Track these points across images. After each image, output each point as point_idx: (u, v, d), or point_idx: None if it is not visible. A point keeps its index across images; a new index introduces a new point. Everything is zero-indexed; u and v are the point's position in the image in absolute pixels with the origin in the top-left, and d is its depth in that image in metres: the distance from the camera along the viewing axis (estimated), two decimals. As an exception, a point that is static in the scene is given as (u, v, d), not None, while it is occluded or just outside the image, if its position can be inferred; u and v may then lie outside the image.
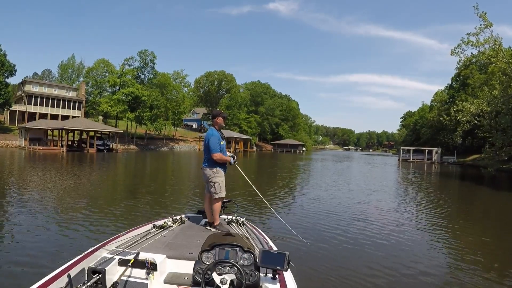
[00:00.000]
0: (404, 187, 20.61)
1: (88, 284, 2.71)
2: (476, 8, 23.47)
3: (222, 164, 4.91)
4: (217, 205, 4.70)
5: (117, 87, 64.76)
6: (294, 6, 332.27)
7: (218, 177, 4.81)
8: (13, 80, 69.84)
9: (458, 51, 24.06)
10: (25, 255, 5.78)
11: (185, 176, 22.89)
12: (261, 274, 2.89)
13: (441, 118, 34.96)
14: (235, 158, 5.10)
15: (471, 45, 23.63)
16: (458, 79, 62.45)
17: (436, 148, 60.48)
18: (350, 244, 7.49)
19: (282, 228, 7.91)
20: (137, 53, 69.23)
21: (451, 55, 24.13)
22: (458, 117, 27.22)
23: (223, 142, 4.86)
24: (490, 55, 23.58)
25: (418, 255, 6.87)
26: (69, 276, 2.69)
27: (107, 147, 47.32)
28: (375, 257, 6.59)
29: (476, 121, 25.20)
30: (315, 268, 5.80)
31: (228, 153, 5.03)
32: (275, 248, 3.62)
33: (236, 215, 4.94)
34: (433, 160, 58.85)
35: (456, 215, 12.25)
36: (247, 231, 4.27)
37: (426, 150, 61.33)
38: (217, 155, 4.76)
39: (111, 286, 2.76)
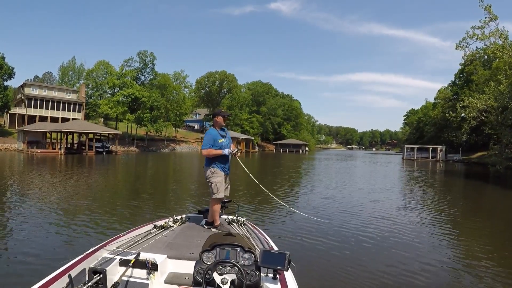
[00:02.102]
0: (412, 185, 20.04)
1: (89, 284, 2.70)
2: (481, 0, 22.80)
3: (221, 164, 4.80)
4: (216, 206, 4.60)
5: (117, 89, 64.23)
6: (296, 6, 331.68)
7: (216, 177, 4.72)
8: (13, 84, 69.94)
9: (463, 45, 23.41)
10: (26, 256, 5.80)
11: (185, 177, 22.43)
12: (262, 274, 2.86)
13: (447, 115, 34.03)
14: (235, 150, 4.88)
15: (476, 39, 22.91)
16: (461, 75, 61.61)
17: (440, 146, 59.67)
18: (354, 243, 7.31)
19: (283, 227, 8.24)
20: (137, 54, 68.65)
21: (456, 49, 23.49)
22: (463, 114, 26.48)
23: (222, 140, 4.77)
24: (496, 49, 22.84)
25: (424, 255, 6.68)
26: (69, 276, 2.65)
27: (106, 149, 46.88)
28: (379, 257, 6.49)
29: (483, 117, 24.33)
30: (316, 268, 5.74)
31: (231, 149, 4.84)
32: (275, 248, 3.59)
33: (236, 215, 4.87)
34: (438, 158, 58.01)
35: (466, 213, 11.87)
36: (247, 231, 4.22)
37: (431, 148, 60.56)
38: (204, 151, 4.75)
39: (111, 286, 2.75)
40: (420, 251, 6.98)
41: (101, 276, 2.84)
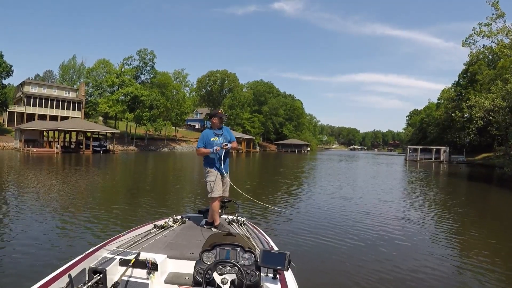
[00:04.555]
0: (418, 187, 19.39)
1: (89, 284, 2.70)
2: (488, -4, 22.05)
3: (215, 164, 4.80)
4: (214, 205, 4.60)
5: (116, 87, 63.48)
6: (300, 6, 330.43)
7: (210, 176, 4.78)
8: (14, 82, 69.54)
9: (470, 42, 22.65)
10: (26, 256, 5.77)
11: (185, 176, 21.91)
12: (262, 274, 2.86)
13: (453, 115, 33.09)
14: (223, 145, 4.73)
15: (483, 36, 22.17)
16: (465, 75, 60.69)
17: (444, 147, 58.75)
18: (355, 243, 7.26)
19: (283, 227, 8.37)
20: (136, 52, 67.73)
21: (462, 46, 22.90)
22: (466, 114, 25.60)
23: (215, 139, 4.79)
24: (503, 46, 22.05)
25: (429, 257, 6.58)
26: (70, 276, 2.65)
27: (104, 148, 46.20)
28: (380, 257, 6.41)
29: (491, 117, 23.41)
30: (317, 268, 5.74)
31: (217, 147, 4.74)
32: (276, 248, 3.57)
33: (236, 215, 4.86)
34: (441, 159, 57.11)
35: (475, 215, 11.58)
36: (247, 231, 4.20)
37: (434, 149, 59.60)
38: (196, 151, 4.93)
39: (112, 286, 2.75)
40: (425, 252, 6.84)
41: (101, 276, 2.85)
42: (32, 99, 57.45)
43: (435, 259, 6.42)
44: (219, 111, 5.01)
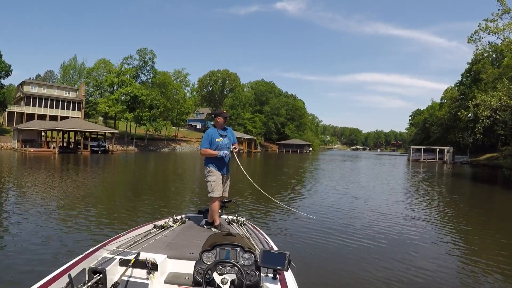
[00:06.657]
0: (423, 188, 18.80)
1: (89, 284, 2.70)
2: (494, -9, 21.38)
3: (217, 164, 4.77)
4: (214, 205, 4.58)
5: (116, 87, 62.97)
6: (302, 5, 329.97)
7: (211, 176, 4.75)
8: (15, 82, 69.26)
9: (475, 38, 21.95)
10: (26, 256, 5.73)
11: (185, 176, 21.49)
12: (262, 274, 2.86)
13: (458, 114, 32.32)
14: (234, 148, 4.82)
15: (489, 32, 21.49)
16: (469, 74, 59.93)
17: (447, 147, 57.93)
18: (354, 243, 7.20)
19: (283, 227, 8.36)
20: (136, 52, 67.16)
21: (468, 42, 22.18)
22: (470, 114, 24.91)
23: (220, 139, 4.77)
24: (509, 42, 21.36)
25: (432, 257, 6.45)
26: (69, 276, 2.61)
27: (102, 148, 45.70)
28: (380, 257, 6.32)
29: (498, 116, 22.61)
30: (316, 268, 5.72)
31: (227, 151, 4.77)
32: (275, 248, 3.58)
33: (236, 215, 4.84)
34: (445, 159, 56.28)
35: (484, 216, 11.11)
36: (247, 231, 4.20)
37: (437, 149, 58.77)
38: (201, 151, 4.87)
39: (111, 286, 2.74)
40: (427, 253, 6.74)
41: (101, 276, 2.85)
42: (31, 99, 57.16)
43: (447, 258, 6.43)
44: (224, 111, 4.95)
